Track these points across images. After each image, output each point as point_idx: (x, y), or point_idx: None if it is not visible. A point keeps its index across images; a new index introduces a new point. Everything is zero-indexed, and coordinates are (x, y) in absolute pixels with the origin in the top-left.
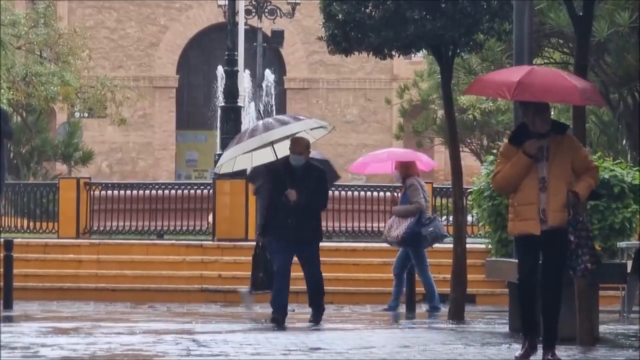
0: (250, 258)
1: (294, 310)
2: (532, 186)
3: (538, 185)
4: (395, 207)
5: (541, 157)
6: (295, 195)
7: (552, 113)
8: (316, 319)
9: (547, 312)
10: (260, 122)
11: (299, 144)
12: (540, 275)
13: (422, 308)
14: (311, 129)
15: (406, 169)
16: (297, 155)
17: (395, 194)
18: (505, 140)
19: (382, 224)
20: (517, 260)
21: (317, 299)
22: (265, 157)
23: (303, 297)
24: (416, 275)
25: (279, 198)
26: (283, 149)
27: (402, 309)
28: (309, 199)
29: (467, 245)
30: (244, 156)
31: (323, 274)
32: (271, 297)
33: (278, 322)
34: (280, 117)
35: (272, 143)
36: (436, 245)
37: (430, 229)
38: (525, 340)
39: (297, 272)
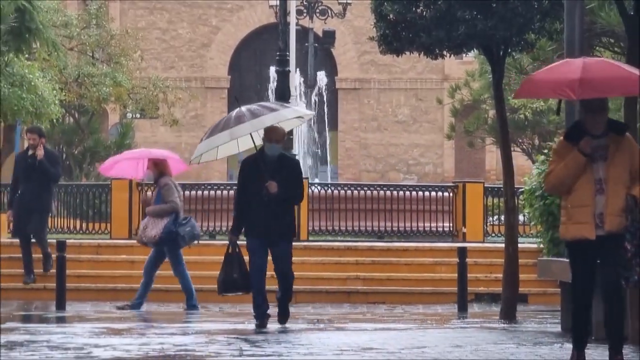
0: (305, 258)
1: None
2: (588, 187)
3: (594, 187)
4: (150, 207)
5: (598, 156)
6: (276, 187)
7: None
8: (281, 320)
9: (612, 317)
10: (244, 108)
11: (276, 132)
12: (600, 281)
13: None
14: (295, 118)
15: (159, 168)
16: (275, 144)
17: (150, 193)
18: (561, 138)
19: (434, 224)
20: (571, 268)
21: (284, 301)
22: (249, 143)
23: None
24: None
25: (252, 191)
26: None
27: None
28: (284, 192)
29: (519, 245)
30: (230, 143)
31: (377, 274)
32: (253, 300)
33: (262, 324)
34: (266, 103)
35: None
36: (487, 244)
37: (188, 228)
38: (575, 353)
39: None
